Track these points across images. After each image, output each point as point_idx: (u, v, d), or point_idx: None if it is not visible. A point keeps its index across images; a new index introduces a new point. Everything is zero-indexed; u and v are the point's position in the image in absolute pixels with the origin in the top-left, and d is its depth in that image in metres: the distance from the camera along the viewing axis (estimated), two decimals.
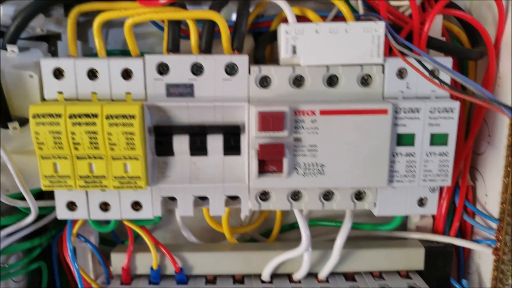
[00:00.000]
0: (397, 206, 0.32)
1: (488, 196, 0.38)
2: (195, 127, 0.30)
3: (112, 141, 0.29)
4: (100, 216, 0.32)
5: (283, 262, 0.36)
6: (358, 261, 0.37)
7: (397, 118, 0.29)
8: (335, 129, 0.29)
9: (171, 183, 0.31)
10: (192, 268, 0.36)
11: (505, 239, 0.35)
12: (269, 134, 0.28)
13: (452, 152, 0.30)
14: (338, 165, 0.29)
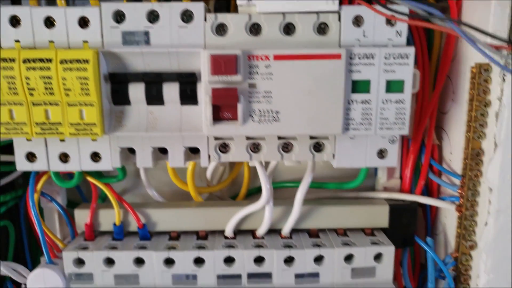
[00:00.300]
0: (357, 158, 0.33)
1: (452, 154, 0.38)
2: (151, 74, 0.30)
3: (67, 87, 0.29)
4: (59, 167, 0.32)
5: (246, 218, 0.36)
6: (322, 218, 0.37)
7: (352, 64, 0.29)
8: (290, 75, 0.29)
9: (128, 131, 0.31)
10: (155, 224, 0.37)
11: (467, 194, 0.35)
12: (222, 79, 0.28)
13: (408, 100, 0.30)
14: (293, 112, 0.29)
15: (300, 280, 0.35)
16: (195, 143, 0.32)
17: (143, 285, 0.35)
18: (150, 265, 0.34)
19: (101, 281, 0.34)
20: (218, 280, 0.35)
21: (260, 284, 0.35)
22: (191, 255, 0.34)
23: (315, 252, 0.34)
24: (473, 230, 0.36)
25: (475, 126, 0.34)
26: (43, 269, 0.34)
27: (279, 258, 0.34)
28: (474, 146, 0.34)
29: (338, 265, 0.35)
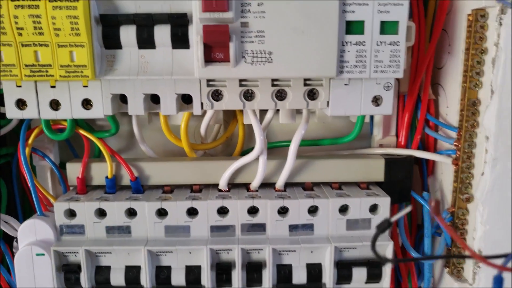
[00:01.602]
0: (351, 105, 0.32)
1: (449, 107, 0.37)
2: (142, 15, 0.29)
3: (57, 26, 0.28)
4: (50, 115, 0.32)
5: (240, 171, 0.36)
6: (316, 172, 0.37)
7: (346, 4, 0.29)
8: (283, 14, 0.28)
9: (119, 75, 0.30)
10: (148, 178, 0.36)
11: (463, 146, 0.35)
12: (214, 16, 0.28)
13: (403, 41, 0.30)
14: (286, 52, 0.29)
15: (294, 231, 0.34)
16: (187, 90, 0.32)
17: (135, 237, 0.34)
18: (142, 216, 0.34)
19: (93, 232, 0.34)
20: (211, 232, 0.34)
21: (253, 235, 0.34)
22: (184, 205, 0.34)
23: (309, 203, 0.34)
24: (469, 182, 0.35)
25: (472, 75, 0.33)
26: (34, 220, 0.33)
27: (272, 208, 0.34)
28: (470, 96, 0.34)
29: (333, 216, 0.34)
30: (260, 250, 0.34)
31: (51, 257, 0.33)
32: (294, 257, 0.34)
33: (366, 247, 0.34)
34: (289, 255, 0.34)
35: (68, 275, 0.34)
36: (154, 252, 0.34)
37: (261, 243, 0.34)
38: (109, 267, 0.34)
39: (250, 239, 0.34)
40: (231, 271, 0.34)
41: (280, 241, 0.34)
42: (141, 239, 0.34)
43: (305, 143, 0.40)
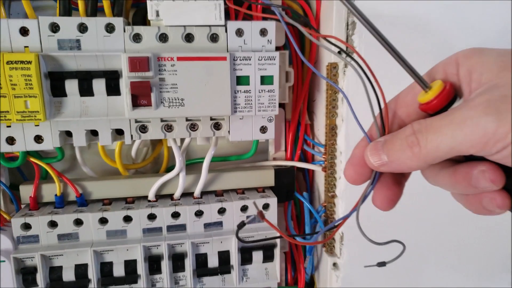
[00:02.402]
0: (245, 133, 0.44)
1: (319, 130, 0.51)
2: (82, 72, 0.39)
3: (13, 82, 0.37)
4: (7, 148, 0.40)
5: (165, 185, 0.46)
6: (225, 182, 0.48)
7: (235, 64, 0.40)
8: (190, 71, 0.39)
9: (65, 117, 0.39)
10: (90, 194, 0.45)
11: (328, 158, 0.48)
12: (138, 74, 0.38)
13: (277, 89, 0.42)
14: (194, 98, 0.40)
15: (208, 228, 0.46)
16: (120, 125, 0.41)
17: (83, 241, 0.43)
18: (87, 224, 0.43)
19: (46, 240, 0.43)
20: (144, 233, 0.44)
21: (177, 233, 0.45)
22: (121, 214, 0.43)
23: (219, 206, 0.45)
24: (334, 183, 0.49)
25: (331, 108, 0.47)
26: None
27: (191, 212, 0.45)
28: (331, 122, 0.48)
29: (237, 214, 0.46)
30: (182, 244, 0.44)
31: (11, 263, 0.41)
32: (208, 247, 0.45)
33: (261, 235, 0.46)
34: (204, 246, 0.45)
35: (26, 276, 0.42)
36: (99, 252, 0.43)
37: (182, 239, 0.44)
38: (61, 267, 0.43)
39: (174, 236, 0.45)
40: (160, 262, 0.44)
41: (197, 236, 0.45)
42: (87, 243, 0.43)
43: (216, 159, 0.51)
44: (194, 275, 0.45)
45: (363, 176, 0.28)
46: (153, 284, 0.45)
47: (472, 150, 0.22)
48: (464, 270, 0.54)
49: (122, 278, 0.44)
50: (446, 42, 0.45)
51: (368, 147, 0.27)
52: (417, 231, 0.50)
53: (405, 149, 0.25)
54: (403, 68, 0.26)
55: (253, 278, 0.47)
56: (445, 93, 0.25)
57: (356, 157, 0.28)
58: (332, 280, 0.50)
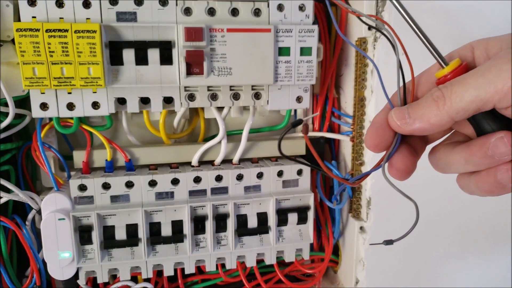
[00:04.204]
0: (283, 103, 0.47)
1: (346, 102, 0.54)
2: (139, 42, 0.42)
3: (79, 50, 0.40)
4: (67, 114, 0.43)
5: (207, 151, 0.49)
6: (260, 150, 0.51)
7: (278, 36, 0.44)
8: (237, 42, 0.43)
9: (122, 84, 0.42)
10: (138, 159, 0.48)
11: (356, 128, 0.52)
12: (193, 44, 0.41)
13: (314, 60, 0.46)
14: (240, 68, 0.43)
15: (247, 191, 0.49)
16: (170, 93, 0.45)
17: (133, 203, 0.46)
18: (138, 186, 0.46)
19: (100, 201, 0.46)
20: (190, 195, 0.48)
21: (219, 196, 0.48)
22: (169, 177, 0.47)
23: (257, 170, 0.49)
24: (361, 152, 0.53)
25: (359, 80, 0.51)
26: (54, 194, 0.44)
27: (233, 176, 0.48)
28: (359, 94, 0.51)
29: (273, 178, 0.50)
30: (225, 205, 0.48)
31: (70, 220, 0.44)
32: (248, 208, 0.49)
33: (296, 198, 0.50)
34: (245, 207, 0.49)
35: (82, 234, 0.45)
36: (148, 212, 0.46)
37: (225, 200, 0.48)
38: (114, 226, 0.46)
39: (217, 198, 0.48)
40: (205, 222, 0.48)
41: (238, 198, 0.48)
42: (137, 204, 0.46)
43: (251, 131, 0.54)
44: (235, 234, 0.48)
45: (384, 141, 0.30)
46: (197, 244, 0.48)
47: (496, 97, 0.24)
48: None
49: (169, 237, 0.47)
50: (463, 31, 0.49)
51: (392, 110, 0.29)
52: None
53: (431, 104, 0.26)
54: (426, 46, 0.29)
55: (288, 239, 0.50)
56: (461, 68, 0.28)
57: (378, 123, 0.30)
58: (359, 242, 0.54)
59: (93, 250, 0.45)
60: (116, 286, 0.50)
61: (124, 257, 0.46)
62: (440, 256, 0.58)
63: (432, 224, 0.55)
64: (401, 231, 0.35)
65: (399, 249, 0.55)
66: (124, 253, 0.46)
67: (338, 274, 0.60)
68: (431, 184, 0.49)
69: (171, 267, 0.49)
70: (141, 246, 0.46)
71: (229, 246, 0.49)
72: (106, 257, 0.46)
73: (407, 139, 0.31)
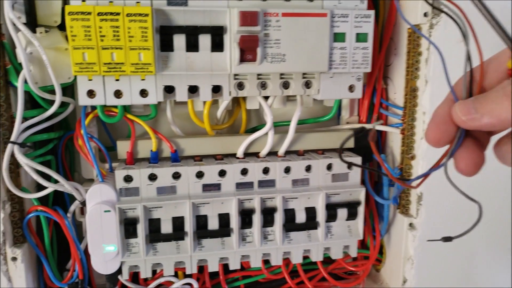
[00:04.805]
0: (334, 92, 0.45)
1: (396, 93, 0.52)
2: (190, 27, 0.40)
3: (131, 34, 0.38)
4: (114, 102, 0.41)
5: (252, 143, 0.48)
6: (306, 142, 0.49)
7: (333, 21, 0.42)
8: (292, 27, 0.41)
9: (172, 71, 0.41)
10: (183, 150, 0.47)
11: (408, 120, 0.50)
12: (247, 29, 0.39)
13: (370, 47, 0.44)
14: (294, 54, 0.42)
15: (295, 184, 0.47)
16: (219, 82, 0.43)
17: (179, 195, 0.45)
18: (185, 178, 0.45)
19: (146, 193, 0.44)
20: (236, 188, 0.46)
21: (267, 189, 0.47)
22: (216, 168, 0.45)
23: (306, 163, 0.47)
24: (412, 145, 0.50)
25: (412, 70, 0.48)
26: (99, 185, 0.43)
27: (280, 168, 0.46)
28: (411, 84, 0.49)
29: (322, 172, 0.48)
30: (272, 198, 0.46)
31: (116, 213, 0.42)
32: (296, 203, 0.47)
33: (347, 192, 0.48)
34: (293, 201, 0.47)
35: (127, 227, 0.43)
36: (196, 204, 0.44)
37: (273, 193, 0.46)
38: (159, 219, 0.44)
39: (265, 191, 0.46)
40: (252, 215, 0.46)
41: (286, 191, 0.46)
42: (184, 196, 0.45)
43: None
44: (283, 229, 0.46)
45: (447, 135, 0.28)
46: (244, 238, 0.46)
47: None
48: None
49: (216, 231, 0.45)
50: None
51: (457, 103, 0.27)
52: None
53: (502, 99, 0.24)
54: (496, 30, 0.26)
55: (337, 235, 0.48)
56: None
57: (440, 116, 0.28)
58: (409, 239, 0.51)
59: (138, 244, 0.44)
60: (158, 282, 0.48)
61: (169, 251, 0.44)
62: (490, 256, 0.55)
63: (485, 224, 0.52)
64: (452, 228, 0.32)
65: (450, 247, 0.52)
66: (169, 248, 0.45)
67: (381, 272, 0.58)
68: (483, 182, 0.46)
69: (216, 263, 0.47)
70: (187, 240, 0.44)
71: (276, 242, 0.47)
72: (151, 251, 0.44)
73: (471, 131, 0.29)
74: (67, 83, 0.43)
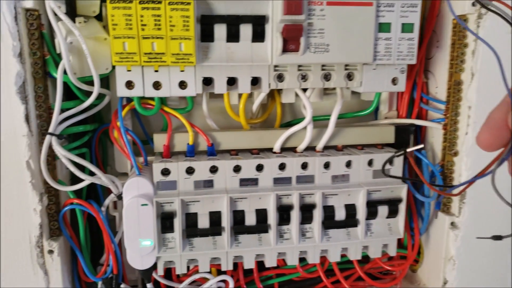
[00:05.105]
0: (377, 84, 0.44)
1: (438, 87, 0.50)
2: (232, 17, 0.39)
3: (172, 23, 0.37)
4: (152, 93, 0.41)
5: (289, 138, 0.46)
6: (345, 137, 0.48)
7: (378, 10, 0.40)
8: (337, 17, 0.39)
9: (212, 62, 0.40)
10: (219, 144, 0.46)
11: (451, 115, 0.48)
12: (291, 18, 0.38)
13: (416, 38, 0.42)
14: (338, 44, 0.40)
15: (335, 180, 0.46)
16: (259, 73, 0.42)
17: (216, 189, 0.44)
18: (222, 172, 0.43)
19: (183, 187, 0.43)
20: (274, 183, 0.45)
21: (305, 184, 0.45)
22: (254, 162, 0.44)
23: (346, 159, 0.46)
24: (455, 141, 0.48)
25: (457, 63, 0.47)
26: (137, 178, 0.42)
27: (320, 163, 0.45)
28: (456, 78, 0.47)
29: (363, 168, 0.46)
30: (311, 195, 0.45)
31: (153, 206, 0.41)
32: (335, 199, 0.45)
33: (388, 189, 0.46)
34: (333, 198, 0.45)
35: (164, 221, 0.42)
36: (233, 199, 0.43)
37: (312, 189, 0.44)
38: (196, 214, 0.43)
39: (304, 187, 0.45)
40: (290, 211, 0.44)
41: (325, 187, 0.45)
42: (221, 190, 0.44)
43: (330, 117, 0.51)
44: (322, 227, 0.45)
45: (500, 141, 0.26)
46: (281, 235, 0.45)
47: None
48: None
49: (253, 227, 0.44)
50: None
51: None
52: None
53: None
54: None
55: (377, 233, 0.47)
56: None
57: (495, 120, 0.26)
58: (450, 239, 0.49)
59: (174, 239, 0.43)
60: (192, 278, 0.47)
61: (205, 247, 0.43)
62: None
63: None
64: (497, 228, 0.30)
65: (494, 247, 0.50)
66: (206, 243, 0.44)
67: (418, 273, 0.56)
68: None
69: (252, 260, 0.46)
70: (224, 236, 0.43)
71: (314, 239, 0.45)
72: (187, 246, 0.43)
73: None
74: (104, 74, 0.42)
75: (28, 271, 0.43)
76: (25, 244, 0.42)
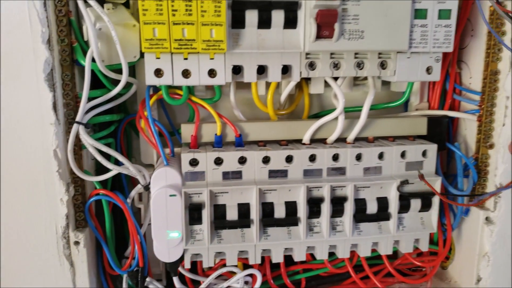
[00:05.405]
0: (411, 73, 0.42)
1: (472, 78, 0.48)
2: (264, 2, 0.38)
3: (204, 8, 0.36)
4: (182, 82, 0.40)
5: (319, 129, 0.45)
6: (376, 128, 0.46)
7: None
8: (373, 2, 0.38)
9: (243, 49, 0.39)
10: (247, 135, 0.44)
11: (486, 106, 0.46)
12: (326, 3, 0.37)
13: (454, 24, 0.40)
14: (373, 31, 0.39)
15: (367, 173, 0.44)
16: (290, 61, 0.41)
17: (245, 180, 0.43)
18: (251, 163, 0.42)
19: (211, 177, 0.42)
20: (304, 175, 0.43)
21: (336, 177, 0.44)
22: (283, 153, 0.43)
23: (378, 150, 0.44)
24: (491, 133, 0.47)
25: (494, 51, 0.45)
26: (165, 168, 0.41)
27: (352, 155, 0.44)
28: (492, 67, 0.45)
29: (396, 160, 0.45)
30: (343, 187, 0.43)
31: (181, 197, 0.41)
32: (367, 192, 0.44)
33: (421, 182, 0.44)
34: (364, 190, 0.44)
35: (192, 213, 0.41)
36: (262, 190, 0.42)
37: (343, 182, 0.43)
38: (225, 205, 0.42)
39: (335, 179, 0.44)
40: (320, 204, 0.43)
41: (357, 180, 0.44)
42: (250, 181, 0.42)
43: (360, 108, 0.49)
44: (353, 220, 0.44)
45: None
46: (311, 229, 0.44)
47: None
48: None
49: (283, 219, 0.43)
50: None
51: None
52: None
53: None
54: None
55: (409, 227, 0.45)
56: None
57: None
58: (485, 234, 0.48)
59: (202, 230, 0.42)
60: (220, 272, 0.46)
61: (234, 239, 0.42)
62: None
63: None
64: None
65: None
66: (234, 235, 0.43)
67: (449, 270, 0.55)
68: None
69: (281, 253, 0.44)
70: (253, 228, 0.42)
71: (345, 233, 0.44)
72: (215, 238, 0.42)
73: None
74: (131, 62, 0.41)
75: (55, 262, 0.42)
76: (51, 234, 0.42)
